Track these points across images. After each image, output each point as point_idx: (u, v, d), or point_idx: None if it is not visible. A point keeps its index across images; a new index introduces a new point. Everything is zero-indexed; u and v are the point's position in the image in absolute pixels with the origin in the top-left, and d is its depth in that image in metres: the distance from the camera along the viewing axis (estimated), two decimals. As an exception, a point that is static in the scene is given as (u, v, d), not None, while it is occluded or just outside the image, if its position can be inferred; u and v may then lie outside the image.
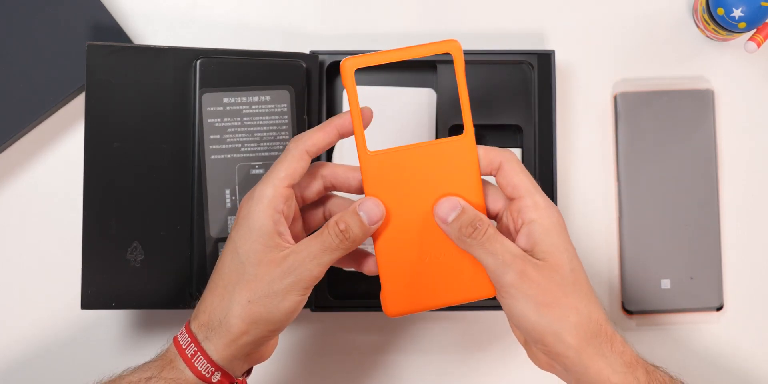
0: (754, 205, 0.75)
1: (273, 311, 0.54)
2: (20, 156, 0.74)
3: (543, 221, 0.55)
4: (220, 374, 0.55)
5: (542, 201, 0.55)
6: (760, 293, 0.74)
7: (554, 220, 0.55)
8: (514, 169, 0.56)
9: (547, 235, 0.54)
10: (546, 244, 0.54)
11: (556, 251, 0.54)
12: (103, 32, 0.72)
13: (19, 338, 0.73)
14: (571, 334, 0.53)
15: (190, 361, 0.55)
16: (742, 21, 0.70)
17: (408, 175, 0.56)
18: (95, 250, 0.66)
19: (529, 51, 0.72)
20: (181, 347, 0.55)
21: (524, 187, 0.56)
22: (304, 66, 0.69)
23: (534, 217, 0.55)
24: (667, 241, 0.73)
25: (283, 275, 0.54)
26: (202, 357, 0.54)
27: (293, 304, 0.54)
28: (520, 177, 0.56)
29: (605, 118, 0.75)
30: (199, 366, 0.54)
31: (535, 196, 0.55)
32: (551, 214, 0.55)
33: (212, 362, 0.54)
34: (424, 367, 0.73)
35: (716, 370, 0.74)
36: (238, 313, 0.54)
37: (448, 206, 0.56)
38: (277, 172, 0.55)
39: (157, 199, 0.67)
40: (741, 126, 0.75)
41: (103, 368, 0.73)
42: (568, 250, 0.55)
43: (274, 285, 0.54)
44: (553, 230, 0.55)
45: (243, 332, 0.54)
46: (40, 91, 0.72)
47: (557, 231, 0.55)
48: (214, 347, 0.55)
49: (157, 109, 0.67)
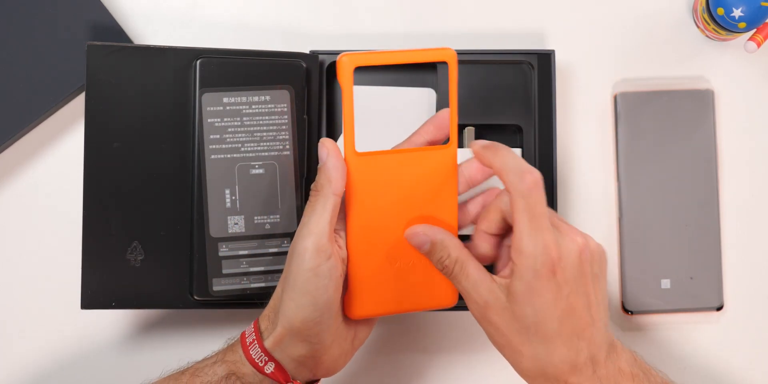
0: (754, 205, 0.75)
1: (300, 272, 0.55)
2: (20, 156, 0.74)
3: (521, 268, 0.53)
4: (274, 366, 0.56)
5: (528, 247, 0.52)
6: (760, 293, 0.74)
7: (531, 271, 0.53)
8: (518, 204, 0.53)
9: (519, 284, 0.53)
10: (516, 290, 0.53)
11: (523, 300, 0.53)
12: (103, 32, 0.72)
13: (19, 338, 0.73)
14: (523, 373, 0.56)
15: (247, 347, 0.57)
16: (742, 21, 0.70)
17: (390, 180, 0.57)
18: (95, 250, 0.66)
19: (529, 51, 0.72)
20: (244, 336, 0.58)
21: (517, 226, 0.53)
22: (304, 66, 0.69)
23: (516, 261, 0.53)
24: (667, 241, 0.73)
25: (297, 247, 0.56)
26: (257, 345, 0.56)
27: (313, 262, 0.54)
28: (517, 216, 0.53)
29: (605, 118, 0.75)
30: (253, 354, 0.56)
31: (524, 240, 0.53)
32: (530, 265, 0.52)
33: (266, 351, 0.56)
34: (424, 366, 0.73)
35: (716, 370, 0.74)
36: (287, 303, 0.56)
37: (418, 241, 0.57)
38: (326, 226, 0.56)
39: (157, 199, 0.67)
40: (741, 126, 0.75)
41: (103, 368, 0.73)
42: (541, 302, 0.53)
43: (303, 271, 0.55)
44: (528, 280, 0.53)
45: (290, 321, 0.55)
46: (40, 91, 0.72)
47: (532, 282, 0.53)
48: (270, 337, 0.56)
49: (157, 109, 0.67)
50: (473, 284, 0.55)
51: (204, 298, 0.67)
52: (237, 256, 0.67)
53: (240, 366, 0.57)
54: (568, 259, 0.53)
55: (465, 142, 0.72)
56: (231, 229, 0.67)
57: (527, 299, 0.53)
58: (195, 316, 0.73)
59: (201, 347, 0.61)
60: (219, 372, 0.57)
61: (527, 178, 0.53)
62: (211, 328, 0.73)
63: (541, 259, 0.52)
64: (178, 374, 0.59)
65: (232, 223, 0.67)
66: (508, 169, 0.54)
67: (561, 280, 0.53)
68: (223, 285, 0.67)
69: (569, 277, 0.53)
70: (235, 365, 0.57)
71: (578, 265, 0.53)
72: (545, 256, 0.52)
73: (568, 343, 0.54)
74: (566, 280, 0.53)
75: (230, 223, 0.67)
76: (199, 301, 0.67)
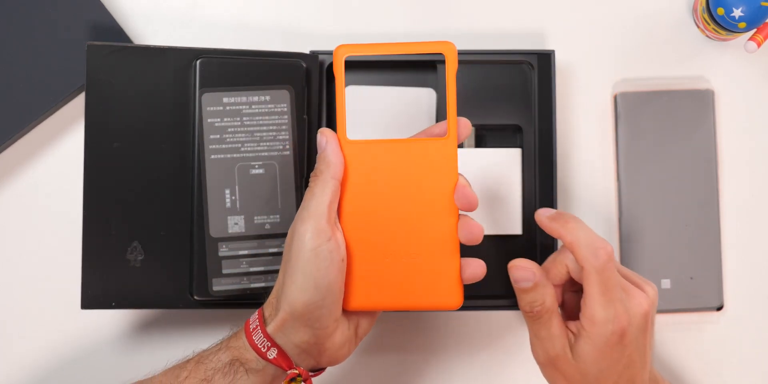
0: (754, 205, 0.75)
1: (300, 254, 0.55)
2: (20, 156, 0.74)
3: (590, 333, 0.56)
4: (276, 351, 0.56)
5: (600, 317, 0.56)
6: (760, 293, 0.74)
7: (602, 338, 0.56)
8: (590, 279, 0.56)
9: (586, 346, 0.57)
10: (583, 351, 0.57)
11: (589, 360, 0.57)
12: (103, 32, 0.72)
13: (19, 338, 0.73)
14: None
15: (250, 334, 0.57)
16: (742, 21, 0.70)
17: (383, 169, 0.57)
18: (95, 250, 0.66)
19: (529, 51, 0.72)
20: (248, 322, 0.58)
21: (589, 297, 0.56)
22: (304, 66, 0.69)
23: (585, 325, 0.57)
24: (667, 241, 0.73)
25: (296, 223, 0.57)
26: (260, 330, 0.57)
27: (313, 243, 0.55)
28: (589, 289, 0.56)
29: (605, 118, 0.75)
30: (256, 339, 0.57)
31: (595, 309, 0.56)
32: (601, 333, 0.56)
33: (268, 336, 0.56)
34: (425, 366, 0.73)
35: (716, 370, 0.74)
36: (288, 287, 0.56)
37: (521, 276, 0.58)
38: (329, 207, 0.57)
39: (157, 199, 0.67)
40: (741, 126, 0.75)
41: (103, 368, 0.73)
42: (607, 364, 0.57)
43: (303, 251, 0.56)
44: (597, 344, 0.56)
45: (290, 303, 0.55)
46: (40, 91, 0.72)
47: (600, 347, 0.56)
48: (273, 322, 0.57)
49: (157, 109, 0.67)
50: (551, 336, 0.58)
51: (204, 298, 0.67)
52: (237, 256, 0.67)
53: (243, 352, 0.57)
54: (635, 323, 0.57)
55: (465, 142, 0.72)
56: (231, 229, 0.67)
57: (595, 361, 0.57)
58: (195, 316, 0.73)
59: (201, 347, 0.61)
60: (223, 358, 0.58)
61: (601, 253, 0.56)
62: (211, 328, 0.73)
63: (611, 328, 0.56)
64: (183, 363, 0.60)
65: (232, 223, 0.67)
66: (580, 243, 0.57)
67: (627, 343, 0.57)
68: (223, 285, 0.67)
69: (633, 339, 0.57)
70: (239, 351, 0.57)
71: (643, 325, 0.57)
72: (616, 326, 0.56)
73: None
74: (631, 341, 0.57)
75: (230, 223, 0.67)
76: (199, 301, 0.67)
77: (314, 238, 0.55)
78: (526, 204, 0.72)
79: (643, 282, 0.59)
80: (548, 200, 0.71)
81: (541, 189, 0.71)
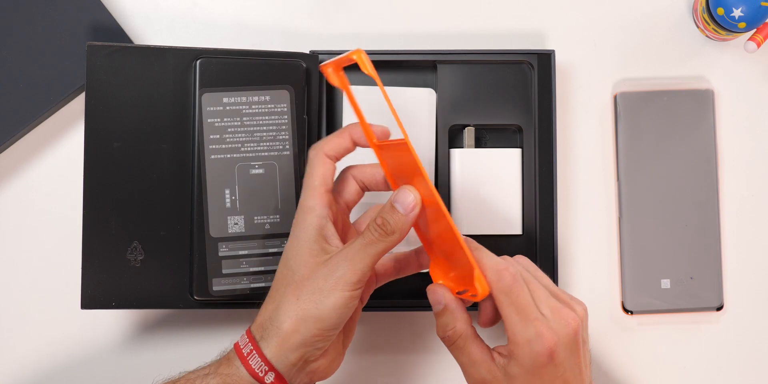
0: (754, 205, 0.75)
1: (320, 307, 0.55)
2: (20, 156, 0.74)
3: (518, 356, 0.55)
4: (274, 376, 0.56)
5: (522, 339, 0.54)
6: (760, 293, 0.74)
7: (529, 359, 0.54)
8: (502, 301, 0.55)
9: (516, 368, 0.55)
10: (513, 372, 0.55)
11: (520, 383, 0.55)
12: (103, 32, 0.72)
13: (20, 338, 0.73)
14: None
15: (245, 358, 0.56)
16: (742, 21, 0.70)
17: (401, 166, 0.57)
18: (95, 250, 0.66)
19: (529, 51, 0.72)
20: (239, 346, 0.57)
21: (508, 322, 0.55)
22: (304, 66, 0.69)
23: (512, 349, 0.55)
24: (667, 241, 0.73)
25: (328, 273, 0.56)
26: (257, 354, 0.56)
27: (340, 299, 0.55)
28: (505, 312, 0.55)
29: (605, 118, 0.75)
30: (253, 364, 0.56)
31: (518, 332, 0.54)
32: (526, 354, 0.54)
33: (266, 360, 0.55)
34: (422, 367, 0.73)
35: (716, 370, 0.74)
36: (287, 311, 0.55)
37: (433, 299, 0.58)
38: (311, 181, 0.58)
39: (157, 199, 0.67)
40: (741, 126, 0.75)
41: (103, 368, 0.73)
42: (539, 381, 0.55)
43: (320, 282, 0.55)
44: (526, 367, 0.55)
45: (293, 330, 0.55)
46: (40, 91, 0.72)
47: (529, 368, 0.55)
48: (268, 346, 0.56)
49: (157, 109, 0.67)
50: (473, 362, 0.56)
51: (204, 298, 0.67)
52: (237, 256, 0.67)
53: (236, 379, 0.56)
54: (563, 342, 0.55)
55: (465, 142, 0.72)
56: (231, 229, 0.67)
57: (527, 381, 0.55)
58: (195, 316, 0.73)
59: (201, 347, 0.61)
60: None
61: (504, 275, 0.55)
62: (211, 328, 0.73)
63: (537, 348, 0.54)
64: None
65: (232, 223, 0.67)
66: (485, 269, 0.55)
67: (558, 362, 0.55)
68: (223, 285, 0.67)
69: (564, 358, 0.55)
70: (231, 378, 0.56)
71: (573, 344, 0.55)
72: (541, 346, 0.54)
73: None
74: (562, 361, 0.55)
75: (230, 223, 0.67)
76: (199, 301, 0.67)
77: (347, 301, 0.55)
78: (525, 204, 0.72)
79: (571, 300, 0.57)
80: (548, 200, 0.71)
81: (541, 189, 0.71)
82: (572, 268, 0.74)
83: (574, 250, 0.74)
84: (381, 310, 0.72)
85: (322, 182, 0.58)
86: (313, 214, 0.57)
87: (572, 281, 0.74)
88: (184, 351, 0.72)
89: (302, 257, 0.57)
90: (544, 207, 0.71)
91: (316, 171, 0.58)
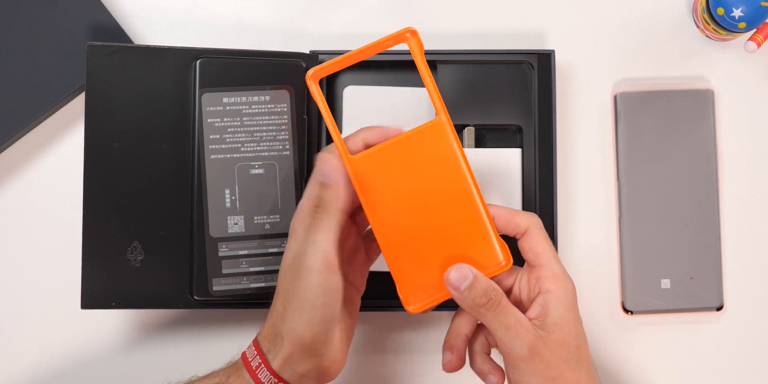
0: (754, 205, 0.75)
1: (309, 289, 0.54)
2: (20, 156, 0.74)
3: (559, 293, 0.57)
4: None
5: (561, 272, 0.58)
6: (760, 293, 0.74)
7: (569, 294, 0.57)
8: (539, 236, 0.58)
9: (560, 308, 0.57)
10: (558, 316, 0.57)
11: (566, 326, 0.57)
12: (103, 32, 0.72)
13: (20, 338, 0.73)
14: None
15: (254, 372, 0.56)
16: (742, 21, 0.70)
17: (396, 171, 0.57)
18: (95, 250, 0.66)
19: (529, 51, 0.72)
20: (247, 359, 0.57)
21: (546, 256, 0.58)
22: (304, 66, 0.69)
23: (551, 288, 0.57)
24: (667, 241, 0.73)
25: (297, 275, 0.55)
26: (265, 368, 0.55)
27: (323, 278, 0.54)
28: (542, 245, 0.58)
29: (605, 118, 0.75)
30: (262, 377, 0.55)
31: (555, 266, 0.57)
32: (567, 287, 0.57)
33: (274, 373, 0.55)
34: (422, 366, 0.73)
35: (716, 370, 0.74)
36: (288, 320, 0.55)
37: (459, 275, 0.57)
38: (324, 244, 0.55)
39: (157, 199, 0.67)
40: (741, 126, 0.75)
41: (103, 368, 0.73)
42: (577, 325, 0.57)
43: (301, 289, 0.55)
44: (567, 304, 0.57)
45: (296, 339, 0.54)
46: (40, 91, 0.72)
47: (570, 305, 0.57)
48: (275, 358, 0.55)
49: (157, 109, 0.67)
50: (520, 321, 0.56)
51: (204, 298, 0.67)
52: (237, 256, 0.67)
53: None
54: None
55: (465, 142, 0.72)
56: (231, 229, 0.67)
57: (572, 323, 0.57)
58: (195, 316, 0.73)
59: (201, 347, 0.61)
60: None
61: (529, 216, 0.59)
62: (211, 328, 0.73)
63: (572, 285, 0.58)
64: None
65: (232, 223, 0.67)
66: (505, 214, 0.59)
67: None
68: (223, 285, 0.67)
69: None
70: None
71: None
72: (572, 282, 0.58)
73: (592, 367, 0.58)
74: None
75: (230, 223, 0.67)
76: (199, 301, 0.67)
77: (323, 274, 0.54)
78: (526, 204, 0.72)
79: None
80: (548, 200, 0.71)
81: (541, 189, 0.71)
82: (572, 268, 0.74)
83: (574, 250, 0.74)
84: (381, 310, 0.72)
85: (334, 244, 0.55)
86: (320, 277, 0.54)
87: (572, 281, 0.74)
88: (184, 351, 0.72)
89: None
90: (544, 207, 0.71)
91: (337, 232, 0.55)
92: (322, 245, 0.54)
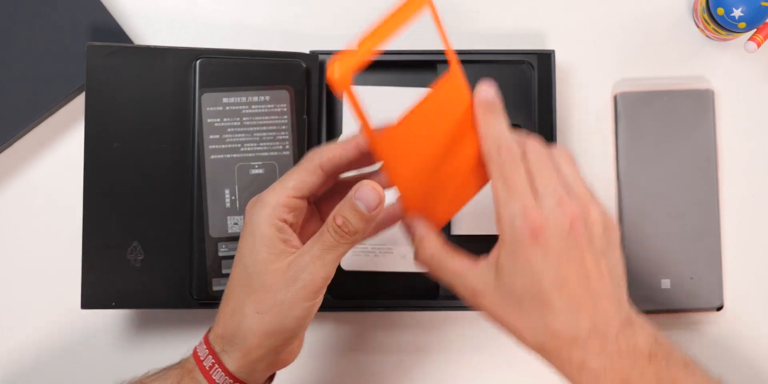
0: (754, 205, 0.75)
1: (284, 321, 0.53)
2: (20, 156, 0.74)
3: (504, 239, 0.52)
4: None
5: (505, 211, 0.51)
6: (760, 293, 0.74)
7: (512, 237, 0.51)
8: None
9: (505, 253, 0.52)
10: (504, 262, 0.52)
11: (511, 270, 0.51)
12: (103, 32, 0.72)
13: (19, 338, 0.73)
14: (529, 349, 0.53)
15: (208, 373, 0.54)
16: (742, 21, 0.70)
17: (420, 137, 0.53)
18: (95, 250, 0.66)
19: (529, 51, 0.72)
20: (199, 359, 0.55)
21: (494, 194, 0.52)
22: (304, 66, 0.69)
23: (498, 232, 0.52)
24: (667, 241, 0.73)
25: (288, 283, 0.52)
26: (220, 369, 0.54)
27: (303, 311, 0.53)
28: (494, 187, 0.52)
29: (605, 118, 0.75)
30: (216, 378, 0.54)
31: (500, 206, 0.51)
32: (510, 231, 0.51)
33: (230, 374, 0.54)
34: (426, 367, 0.73)
35: (716, 370, 0.74)
36: (250, 326, 0.53)
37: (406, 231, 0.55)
38: (286, 182, 0.54)
39: (157, 199, 0.67)
40: (741, 126, 0.75)
41: (103, 368, 0.73)
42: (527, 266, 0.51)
43: (280, 294, 0.52)
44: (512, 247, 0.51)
45: (257, 345, 0.53)
46: (40, 91, 0.72)
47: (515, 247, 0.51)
48: (231, 359, 0.54)
49: (157, 109, 0.67)
50: (457, 276, 0.53)
51: (204, 298, 0.67)
52: (237, 256, 0.67)
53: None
54: (554, 227, 0.50)
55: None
56: (231, 229, 0.67)
57: (512, 268, 0.51)
58: (195, 316, 0.73)
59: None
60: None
61: (503, 152, 0.52)
62: (211, 328, 0.73)
63: (518, 223, 0.50)
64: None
65: (232, 223, 0.67)
66: (484, 137, 0.53)
67: (546, 248, 0.50)
68: (223, 285, 0.66)
69: (555, 246, 0.50)
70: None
71: (567, 234, 0.50)
72: (522, 221, 0.50)
73: (564, 314, 0.50)
74: (552, 248, 0.50)
75: (230, 223, 0.67)
76: (199, 301, 0.67)
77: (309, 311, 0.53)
78: (526, 204, 0.71)
79: (590, 200, 0.52)
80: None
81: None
82: (572, 268, 0.74)
83: (574, 250, 0.74)
84: (377, 310, 0.72)
85: (296, 187, 0.53)
86: (273, 215, 0.53)
87: (572, 281, 0.74)
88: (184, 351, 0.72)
89: (260, 263, 0.53)
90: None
91: (299, 176, 0.54)
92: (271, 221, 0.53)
